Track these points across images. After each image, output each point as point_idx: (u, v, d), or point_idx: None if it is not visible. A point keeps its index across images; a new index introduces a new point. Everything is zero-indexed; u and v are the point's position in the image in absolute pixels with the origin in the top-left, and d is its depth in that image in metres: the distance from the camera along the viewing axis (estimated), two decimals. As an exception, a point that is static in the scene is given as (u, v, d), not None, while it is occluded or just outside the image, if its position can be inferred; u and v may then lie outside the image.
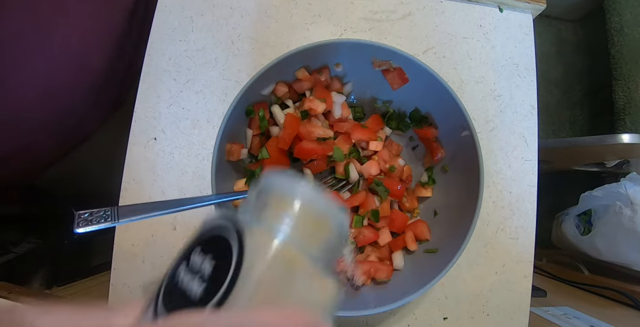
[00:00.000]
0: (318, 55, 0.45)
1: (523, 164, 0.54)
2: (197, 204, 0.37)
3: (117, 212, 0.33)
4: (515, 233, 0.52)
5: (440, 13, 0.56)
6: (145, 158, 0.49)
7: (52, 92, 0.48)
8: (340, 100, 0.48)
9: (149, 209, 0.35)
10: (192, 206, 0.37)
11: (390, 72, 0.46)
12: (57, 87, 0.49)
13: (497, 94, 0.55)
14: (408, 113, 0.50)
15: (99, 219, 0.33)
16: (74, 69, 0.49)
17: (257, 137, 0.47)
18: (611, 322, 0.62)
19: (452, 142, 0.47)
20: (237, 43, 0.52)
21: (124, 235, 0.47)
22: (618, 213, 0.83)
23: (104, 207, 0.33)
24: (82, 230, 0.32)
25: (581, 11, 1.20)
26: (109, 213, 0.33)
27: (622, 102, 0.97)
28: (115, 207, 0.34)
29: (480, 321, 0.50)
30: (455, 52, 0.55)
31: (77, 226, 0.32)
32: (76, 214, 0.32)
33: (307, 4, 0.54)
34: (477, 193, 0.41)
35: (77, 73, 0.50)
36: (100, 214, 0.33)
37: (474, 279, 0.51)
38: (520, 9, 0.57)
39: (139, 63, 0.50)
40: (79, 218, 0.32)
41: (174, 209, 0.36)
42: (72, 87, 0.50)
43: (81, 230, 0.32)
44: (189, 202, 0.37)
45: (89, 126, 0.59)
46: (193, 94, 0.51)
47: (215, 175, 0.40)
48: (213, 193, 0.39)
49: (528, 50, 0.56)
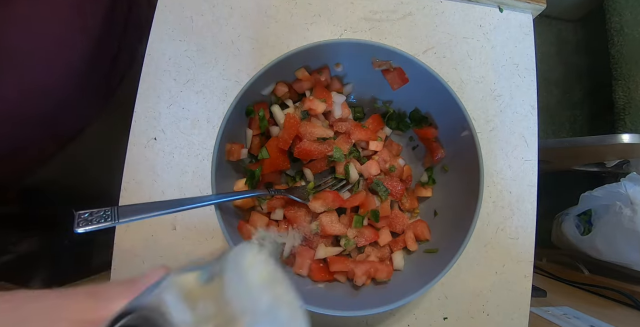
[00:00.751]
0: (318, 55, 0.45)
1: (523, 164, 0.54)
2: (197, 204, 0.37)
3: (117, 212, 0.33)
4: (515, 233, 0.52)
5: (440, 13, 0.56)
6: (145, 158, 0.49)
7: (33, 87, 0.48)
8: (340, 100, 0.48)
9: (149, 209, 0.35)
10: (192, 205, 0.37)
11: (390, 72, 0.46)
12: (38, 82, 0.48)
13: (497, 94, 0.55)
14: (408, 113, 0.50)
15: (99, 219, 0.33)
16: (53, 60, 0.49)
17: (257, 137, 0.47)
18: (611, 322, 0.62)
19: (452, 142, 0.47)
20: (237, 43, 0.52)
21: (124, 235, 0.47)
22: (618, 213, 0.83)
23: (104, 208, 0.33)
24: (82, 230, 0.32)
25: (581, 11, 1.20)
26: (109, 213, 0.33)
27: (622, 102, 0.97)
28: (115, 207, 0.34)
29: (480, 321, 0.50)
30: (455, 52, 0.55)
31: (77, 225, 0.32)
32: (76, 214, 0.32)
33: (307, 4, 0.54)
34: (477, 193, 0.41)
35: (57, 64, 0.50)
36: (100, 214, 0.33)
37: (474, 279, 0.51)
38: (520, 9, 0.57)
39: (125, 53, 0.49)
40: (79, 218, 0.32)
41: (174, 209, 0.36)
42: (53, 79, 0.50)
43: (81, 230, 0.32)
44: (189, 202, 0.37)
45: (79, 118, 0.59)
46: (193, 94, 0.51)
47: (215, 175, 0.40)
48: (213, 193, 0.39)
49: (528, 50, 0.56)
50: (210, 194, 0.39)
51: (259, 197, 0.46)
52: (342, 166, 0.47)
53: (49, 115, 0.52)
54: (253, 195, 0.43)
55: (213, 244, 0.48)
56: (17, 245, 0.64)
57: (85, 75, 0.53)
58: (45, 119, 0.52)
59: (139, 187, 0.48)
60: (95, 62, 0.54)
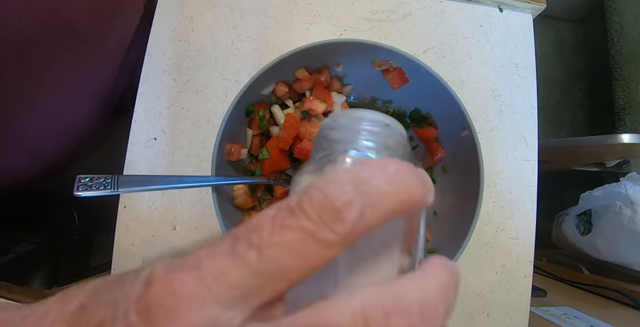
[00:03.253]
0: (318, 55, 0.45)
1: (523, 164, 0.54)
2: (197, 183, 0.37)
3: (117, 181, 0.33)
4: (515, 233, 0.52)
5: (440, 13, 0.56)
6: (145, 158, 0.49)
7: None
8: (340, 100, 0.48)
9: (150, 181, 0.34)
10: (192, 184, 0.37)
11: (390, 72, 0.46)
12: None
13: (497, 94, 0.55)
14: (408, 113, 0.50)
15: (98, 186, 0.32)
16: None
17: (257, 137, 0.47)
18: (611, 322, 0.62)
19: (452, 142, 0.47)
20: (237, 43, 0.52)
21: (124, 235, 0.47)
22: (618, 213, 0.83)
23: (104, 175, 0.33)
24: (81, 194, 0.31)
25: (581, 11, 1.20)
26: (109, 181, 0.32)
27: (622, 102, 0.97)
28: (116, 176, 0.33)
29: (480, 321, 0.50)
30: (455, 52, 0.55)
31: (77, 189, 0.31)
32: (77, 177, 0.32)
33: (307, 4, 0.54)
34: (477, 193, 0.41)
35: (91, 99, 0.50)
36: (100, 181, 0.32)
37: (474, 279, 0.51)
38: (520, 9, 0.57)
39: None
40: (79, 182, 0.32)
41: (175, 185, 0.36)
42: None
43: (80, 194, 0.31)
44: (190, 180, 0.37)
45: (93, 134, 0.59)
46: (193, 94, 0.51)
47: (215, 175, 0.40)
48: (213, 196, 0.39)
49: (528, 50, 0.56)
50: (211, 197, 0.39)
51: (259, 190, 0.46)
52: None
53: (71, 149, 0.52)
54: (253, 181, 0.43)
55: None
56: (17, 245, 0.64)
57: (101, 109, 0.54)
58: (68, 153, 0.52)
59: (139, 187, 0.48)
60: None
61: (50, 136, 0.48)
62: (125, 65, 0.53)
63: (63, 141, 0.50)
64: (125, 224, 0.47)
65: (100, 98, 0.52)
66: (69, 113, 0.48)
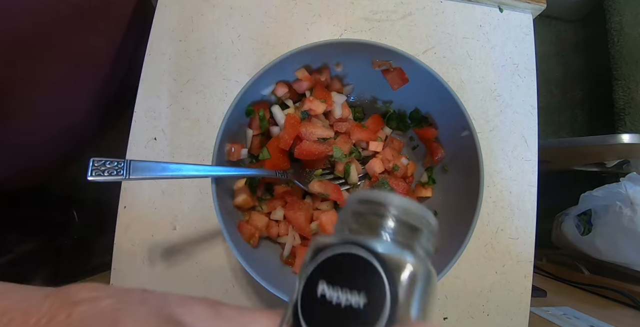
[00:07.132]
0: (318, 55, 0.45)
1: (523, 164, 0.54)
2: (210, 172, 0.38)
3: (129, 167, 0.33)
4: (515, 233, 0.52)
5: (440, 13, 0.56)
6: (145, 158, 0.49)
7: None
8: (340, 100, 0.48)
9: (162, 169, 0.35)
10: (206, 173, 0.38)
11: (390, 72, 0.46)
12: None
13: (497, 94, 0.55)
14: (408, 113, 0.50)
15: (111, 171, 0.32)
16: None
17: (257, 137, 0.47)
18: (611, 322, 0.62)
19: (452, 142, 0.47)
20: (237, 43, 0.52)
21: (124, 235, 0.47)
22: (618, 213, 0.83)
23: (117, 159, 0.33)
24: (93, 179, 0.31)
25: (581, 11, 1.20)
26: (122, 166, 0.33)
27: (622, 102, 0.97)
28: (128, 161, 0.33)
29: (480, 321, 0.50)
30: (455, 52, 0.55)
31: (91, 174, 0.31)
32: (91, 160, 0.32)
33: (307, 4, 0.54)
34: (477, 193, 0.41)
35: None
36: (113, 165, 0.32)
37: (474, 279, 0.51)
38: (520, 9, 0.57)
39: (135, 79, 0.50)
40: (93, 166, 0.32)
41: (186, 174, 0.36)
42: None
43: (93, 179, 0.31)
44: (203, 169, 0.38)
45: (91, 133, 0.59)
46: (193, 94, 0.51)
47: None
48: (214, 198, 0.39)
49: (528, 50, 0.56)
50: (212, 197, 0.39)
51: (259, 190, 0.46)
52: (342, 165, 0.47)
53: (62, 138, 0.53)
54: (261, 174, 0.43)
55: (213, 244, 0.48)
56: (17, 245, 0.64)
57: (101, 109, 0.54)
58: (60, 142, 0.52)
59: (139, 187, 0.48)
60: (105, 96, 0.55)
61: (42, 135, 0.48)
62: (124, 51, 0.52)
63: (55, 141, 0.50)
64: (125, 224, 0.47)
65: (96, 95, 0.52)
66: (64, 111, 0.48)
